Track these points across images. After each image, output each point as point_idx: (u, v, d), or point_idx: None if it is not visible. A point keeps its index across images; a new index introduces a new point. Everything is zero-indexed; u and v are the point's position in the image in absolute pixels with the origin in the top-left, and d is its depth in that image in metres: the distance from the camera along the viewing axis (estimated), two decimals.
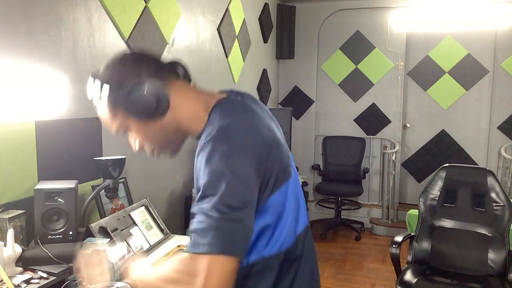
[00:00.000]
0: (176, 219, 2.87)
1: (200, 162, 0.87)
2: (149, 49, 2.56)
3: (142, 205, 2.11)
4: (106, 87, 0.93)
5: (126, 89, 0.91)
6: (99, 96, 0.95)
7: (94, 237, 1.71)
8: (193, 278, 0.81)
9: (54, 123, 1.82)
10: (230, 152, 0.84)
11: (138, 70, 0.93)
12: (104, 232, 1.75)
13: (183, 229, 2.88)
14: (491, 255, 2.53)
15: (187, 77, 1.08)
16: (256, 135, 0.89)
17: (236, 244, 0.82)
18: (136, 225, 1.95)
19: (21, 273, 1.40)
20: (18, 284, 1.32)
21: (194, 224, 0.83)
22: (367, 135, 5.14)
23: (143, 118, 0.93)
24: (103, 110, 0.97)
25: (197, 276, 0.80)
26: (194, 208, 0.85)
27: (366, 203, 5.16)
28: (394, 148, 4.88)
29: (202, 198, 0.83)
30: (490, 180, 2.67)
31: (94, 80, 0.97)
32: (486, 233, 2.60)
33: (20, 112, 1.62)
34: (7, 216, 1.51)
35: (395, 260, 2.58)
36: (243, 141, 0.86)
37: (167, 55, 2.75)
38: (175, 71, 1.04)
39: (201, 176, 0.85)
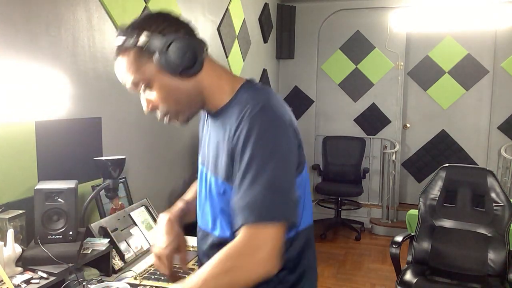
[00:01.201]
0: None
1: (246, 135, 0.87)
2: None
3: (142, 205, 2.11)
4: (145, 34, 0.90)
5: (166, 39, 0.90)
6: (133, 43, 0.91)
7: (94, 237, 1.71)
8: (254, 252, 0.81)
9: (54, 123, 1.82)
10: (277, 129, 0.87)
11: (177, 27, 0.93)
12: (104, 232, 1.75)
13: (183, 229, 2.87)
14: (491, 255, 2.53)
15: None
16: (291, 115, 0.97)
17: (290, 211, 0.86)
18: (136, 225, 1.95)
19: (21, 273, 1.40)
20: (18, 284, 1.32)
21: (247, 197, 0.84)
22: (367, 135, 5.15)
23: (175, 72, 0.91)
24: (127, 60, 0.93)
25: (260, 248, 0.81)
26: (241, 182, 0.86)
27: (366, 203, 5.16)
28: (394, 148, 4.89)
29: (251, 171, 0.85)
30: (490, 180, 2.67)
31: (128, 28, 0.94)
32: (486, 233, 2.60)
33: (20, 112, 1.62)
34: (7, 216, 1.51)
35: (395, 260, 2.58)
36: (286, 115, 0.92)
37: None
38: (204, 44, 1.03)
39: (244, 150, 0.87)
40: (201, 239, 1.08)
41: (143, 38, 0.90)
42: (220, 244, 0.93)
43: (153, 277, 1.59)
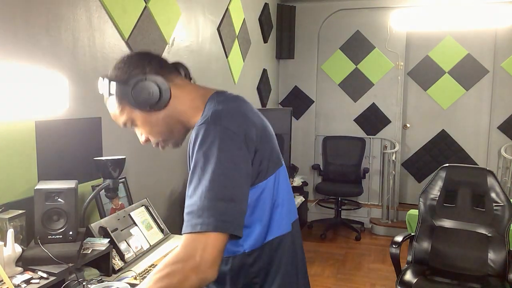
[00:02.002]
0: (176, 219, 2.86)
1: (193, 145, 0.91)
2: (149, 49, 2.56)
3: (142, 205, 2.11)
4: (113, 84, 1.02)
5: (131, 84, 1.00)
6: (108, 93, 1.04)
7: (94, 237, 1.71)
8: (188, 259, 0.82)
9: (54, 123, 1.82)
10: (222, 134, 0.89)
11: (143, 68, 1.02)
12: (104, 232, 1.75)
13: None
14: (491, 255, 2.53)
15: (188, 76, 1.18)
16: (247, 119, 0.97)
17: (229, 222, 0.85)
18: (136, 225, 1.95)
19: (21, 273, 1.40)
20: (18, 284, 1.32)
21: (188, 206, 0.87)
22: (367, 135, 5.15)
23: (147, 109, 1.01)
24: (112, 106, 1.05)
25: (193, 256, 0.82)
26: (188, 190, 0.90)
27: (366, 203, 5.16)
28: (394, 148, 4.88)
29: (194, 179, 0.88)
30: (490, 180, 2.67)
31: (103, 79, 1.05)
32: (486, 233, 2.60)
33: (20, 112, 1.62)
34: (7, 216, 1.51)
35: (395, 260, 2.58)
36: (235, 123, 0.92)
37: (167, 55, 2.75)
38: (177, 69, 1.13)
39: (190, 159, 0.92)
40: None
41: (113, 88, 1.02)
42: None
43: None
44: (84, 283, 1.50)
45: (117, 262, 1.70)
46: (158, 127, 1.04)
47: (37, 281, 1.36)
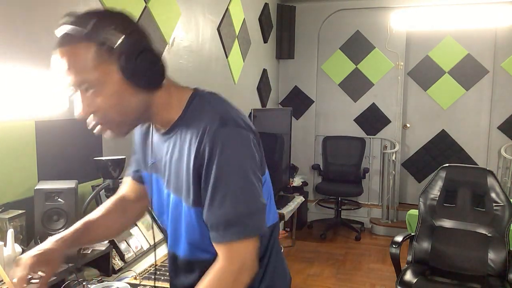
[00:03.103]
0: None
1: (203, 154, 0.85)
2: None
3: None
4: (111, 29, 0.82)
5: (137, 45, 0.83)
6: (95, 35, 0.81)
7: None
8: (238, 271, 0.85)
9: (54, 123, 1.82)
10: (239, 141, 0.87)
11: (142, 35, 0.88)
12: None
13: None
14: (491, 255, 2.53)
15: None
16: (247, 119, 0.95)
17: (262, 224, 0.89)
18: (136, 225, 1.95)
19: None
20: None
21: (222, 215, 0.85)
22: (367, 135, 5.15)
23: (137, 83, 0.84)
24: (83, 52, 0.81)
25: (243, 264, 0.86)
26: (211, 199, 0.86)
27: (366, 203, 5.16)
28: (394, 148, 4.89)
29: (221, 187, 0.85)
30: (490, 180, 2.67)
31: (87, 18, 0.82)
32: (486, 233, 2.60)
33: (20, 112, 1.62)
34: (7, 216, 1.51)
35: (395, 260, 2.58)
36: (247, 123, 0.91)
37: (167, 55, 2.75)
38: None
39: (210, 167, 0.85)
40: (172, 262, 1.07)
41: (111, 36, 0.81)
42: (198, 264, 0.98)
43: (153, 277, 1.59)
44: (84, 283, 1.50)
45: (117, 262, 1.70)
46: (127, 106, 0.87)
47: (37, 281, 1.35)
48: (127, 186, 1.21)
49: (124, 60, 0.82)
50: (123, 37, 0.81)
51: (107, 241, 1.65)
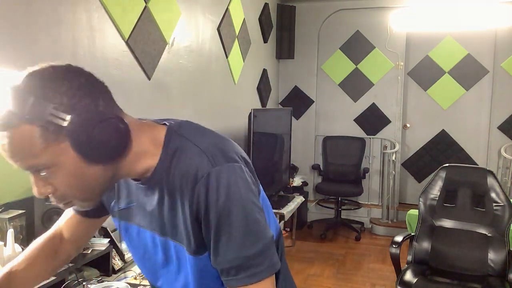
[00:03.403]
0: None
1: (198, 200, 0.78)
2: (149, 49, 2.56)
3: None
4: (54, 106, 0.68)
5: (90, 121, 0.70)
6: (37, 116, 0.68)
7: (94, 237, 1.71)
8: None
9: None
10: (232, 174, 0.79)
11: (95, 98, 0.73)
12: (104, 232, 1.75)
13: None
14: (491, 255, 2.53)
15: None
16: (230, 142, 0.87)
17: (276, 258, 0.83)
18: None
19: None
20: None
21: (230, 261, 0.80)
22: (367, 135, 5.15)
23: (96, 161, 0.73)
24: (27, 134, 0.69)
25: None
26: (217, 243, 0.80)
27: (366, 203, 5.16)
28: (394, 148, 4.89)
29: (224, 231, 0.79)
30: (490, 180, 2.67)
31: (25, 94, 0.70)
32: (486, 233, 2.60)
33: None
34: (7, 216, 1.51)
35: (395, 260, 2.58)
36: (234, 155, 0.83)
37: (167, 55, 2.75)
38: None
39: (209, 212, 0.78)
40: None
41: (54, 117, 0.68)
42: None
43: None
44: (84, 283, 1.50)
45: (117, 262, 1.70)
46: (90, 182, 0.75)
47: None
48: (64, 221, 1.06)
49: (76, 139, 0.70)
50: (69, 117, 0.68)
51: (107, 241, 1.66)
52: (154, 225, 0.89)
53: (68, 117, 0.69)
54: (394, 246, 2.60)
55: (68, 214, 1.05)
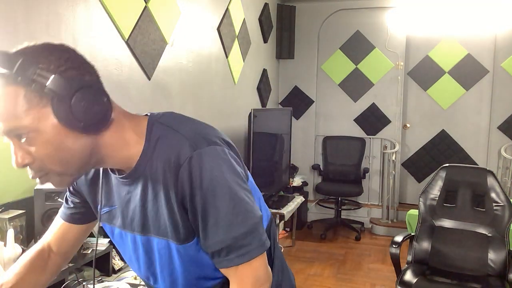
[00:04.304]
0: None
1: (183, 187, 0.78)
2: (149, 49, 2.56)
3: None
4: (41, 69, 0.70)
5: (71, 83, 0.71)
6: (23, 77, 0.69)
7: (94, 237, 1.70)
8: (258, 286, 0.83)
9: None
10: (215, 158, 0.79)
11: (82, 70, 0.75)
12: (104, 232, 1.75)
13: None
14: (491, 255, 2.53)
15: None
16: (213, 129, 0.88)
17: (264, 239, 0.84)
18: None
19: None
20: None
21: (219, 242, 0.80)
22: (367, 135, 5.15)
23: (75, 127, 0.73)
24: (12, 96, 0.70)
25: (257, 281, 0.82)
26: (206, 226, 0.80)
27: (366, 203, 5.16)
28: (394, 148, 4.89)
29: (211, 212, 0.79)
30: (490, 180, 2.67)
31: (14, 56, 0.70)
32: (486, 233, 2.60)
33: None
34: (7, 216, 1.51)
35: (395, 260, 2.58)
36: (216, 139, 0.83)
37: (167, 55, 2.75)
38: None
39: (194, 196, 0.79)
40: None
41: (40, 76, 0.69)
42: None
43: None
44: (84, 283, 1.50)
45: (117, 262, 1.70)
46: (67, 154, 0.74)
47: None
48: (54, 232, 1.06)
49: (57, 102, 0.70)
50: (53, 76, 0.70)
51: (107, 241, 1.65)
52: (135, 225, 0.90)
53: (52, 77, 0.70)
54: (394, 246, 2.60)
55: (56, 225, 1.06)
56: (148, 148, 0.81)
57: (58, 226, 1.06)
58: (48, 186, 1.55)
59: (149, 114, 0.87)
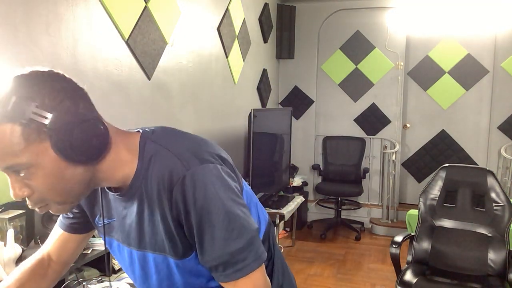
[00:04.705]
0: None
1: (177, 204, 0.79)
2: (149, 49, 2.56)
3: None
4: (35, 105, 0.69)
5: (72, 121, 0.71)
6: (17, 115, 0.68)
7: (94, 237, 1.70)
8: None
9: None
10: (208, 175, 0.80)
11: (75, 99, 0.75)
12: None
13: None
14: (491, 255, 2.53)
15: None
16: (202, 140, 0.88)
17: (260, 253, 0.84)
18: None
19: None
20: None
21: (217, 258, 0.81)
22: (367, 135, 5.15)
23: (75, 161, 0.73)
24: (8, 134, 0.69)
25: None
26: (202, 242, 0.81)
27: (366, 203, 5.16)
28: (394, 148, 4.89)
29: (206, 229, 0.80)
30: (490, 180, 2.67)
31: (8, 94, 0.69)
32: (486, 233, 2.60)
33: None
34: (7, 216, 1.51)
35: (395, 260, 2.58)
36: (209, 156, 0.83)
37: (167, 55, 2.75)
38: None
39: (188, 214, 0.79)
40: None
41: (37, 115, 0.69)
42: None
43: None
44: (84, 283, 1.50)
45: (117, 262, 1.70)
46: (68, 185, 0.75)
47: None
48: (53, 241, 1.06)
49: (57, 138, 0.70)
50: (51, 116, 0.70)
51: None
52: (131, 239, 0.90)
53: (50, 116, 0.70)
54: (394, 246, 2.60)
55: (55, 234, 1.06)
56: (141, 168, 0.82)
57: (57, 236, 1.06)
58: None
59: (140, 130, 0.86)
